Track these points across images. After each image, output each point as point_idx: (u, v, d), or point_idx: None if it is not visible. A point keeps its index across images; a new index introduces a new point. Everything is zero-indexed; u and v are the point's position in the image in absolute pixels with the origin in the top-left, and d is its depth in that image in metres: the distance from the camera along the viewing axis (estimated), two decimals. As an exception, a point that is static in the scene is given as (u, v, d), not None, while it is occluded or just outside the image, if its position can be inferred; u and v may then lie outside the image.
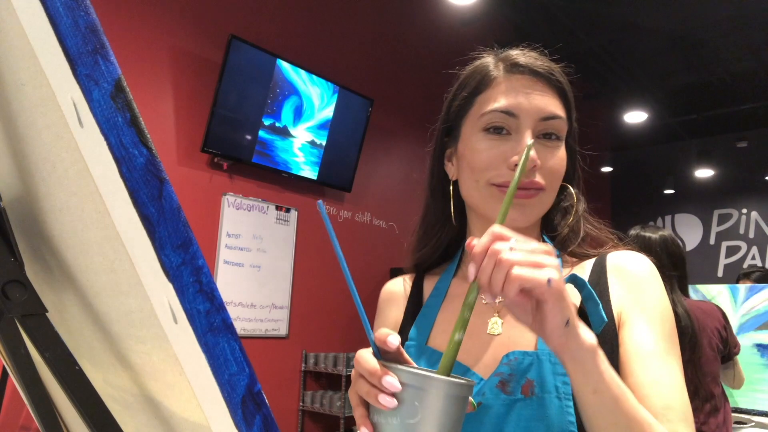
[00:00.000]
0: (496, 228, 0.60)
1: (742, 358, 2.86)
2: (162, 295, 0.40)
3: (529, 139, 0.70)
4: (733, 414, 3.01)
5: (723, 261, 7.86)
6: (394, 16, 4.89)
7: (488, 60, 0.87)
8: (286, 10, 4.19)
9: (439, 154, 0.91)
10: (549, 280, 0.57)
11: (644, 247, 2.19)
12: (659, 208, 8.36)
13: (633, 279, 0.81)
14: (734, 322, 3.13)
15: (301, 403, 4.13)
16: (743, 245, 7.75)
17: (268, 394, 0.43)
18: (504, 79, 0.83)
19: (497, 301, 0.84)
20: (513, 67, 0.83)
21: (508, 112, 0.80)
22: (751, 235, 7.73)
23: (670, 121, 7.35)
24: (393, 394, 0.55)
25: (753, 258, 7.64)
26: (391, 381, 0.55)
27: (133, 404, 0.57)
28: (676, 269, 2.20)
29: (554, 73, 0.83)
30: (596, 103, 7.36)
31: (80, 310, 0.55)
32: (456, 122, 0.87)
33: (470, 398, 0.57)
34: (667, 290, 2.41)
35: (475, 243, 0.60)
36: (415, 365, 0.58)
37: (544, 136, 0.80)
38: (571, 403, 0.71)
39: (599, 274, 0.83)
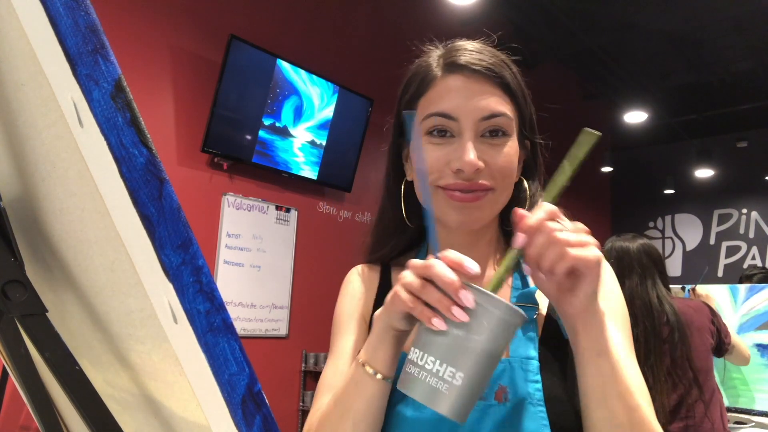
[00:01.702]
0: (549, 206, 0.63)
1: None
2: (162, 295, 0.40)
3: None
4: (733, 414, 3.01)
5: (723, 261, 7.86)
6: (394, 16, 4.89)
7: (431, 58, 0.85)
8: (286, 10, 4.19)
9: (394, 153, 0.90)
10: (597, 258, 0.62)
11: (624, 254, 2.30)
12: (659, 208, 8.36)
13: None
14: (734, 322, 3.13)
15: (301, 403, 4.13)
16: (743, 245, 7.75)
17: (268, 394, 0.43)
18: (443, 80, 0.81)
19: None
20: (451, 67, 0.81)
21: (446, 116, 0.79)
22: (751, 235, 7.73)
23: (670, 121, 7.35)
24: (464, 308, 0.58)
25: (753, 258, 7.64)
26: (468, 296, 0.58)
27: (133, 404, 0.57)
28: (657, 267, 2.30)
29: (494, 68, 0.80)
30: (596, 103, 7.36)
31: (80, 310, 0.55)
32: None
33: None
34: (651, 286, 2.43)
35: (527, 215, 0.62)
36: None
37: (490, 134, 0.79)
38: (543, 409, 0.74)
39: None
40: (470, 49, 0.82)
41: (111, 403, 0.49)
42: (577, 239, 0.61)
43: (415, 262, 0.63)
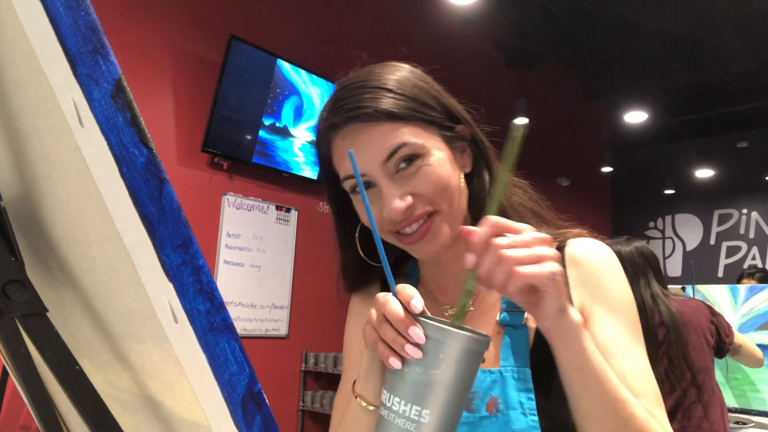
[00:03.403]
0: (493, 218, 0.59)
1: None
2: (162, 295, 0.40)
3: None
4: (733, 414, 3.01)
5: (723, 261, 7.86)
6: (394, 17, 4.89)
7: (322, 119, 0.82)
8: (286, 10, 4.19)
9: (338, 199, 0.85)
10: (552, 274, 0.58)
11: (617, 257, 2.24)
12: (659, 208, 8.36)
13: (592, 270, 0.79)
14: (734, 323, 3.13)
15: (301, 403, 4.12)
16: (743, 245, 7.75)
17: (268, 394, 0.43)
18: (335, 144, 0.79)
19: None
20: (335, 128, 0.78)
21: (353, 177, 0.76)
22: (752, 235, 7.73)
23: (670, 121, 7.35)
24: (417, 345, 0.56)
25: (753, 258, 7.64)
26: (418, 333, 0.56)
27: (133, 404, 0.57)
28: (650, 265, 2.28)
29: (369, 107, 0.75)
30: (596, 103, 7.36)
31: (80, 309, 0.55)
32: (336, 178, 0.82)
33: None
34: (644, 285, 2.41)
35: (474, 231, 0.59)
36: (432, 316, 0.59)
37: (405, 164, 0.75)
38: (536, 418, 0.72)
39: None
40: (345, 97, 0.78)
41: (111, 403, 0.49)
42: (528, 254, 0.57)
43: (379, 296, 0.60)
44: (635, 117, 6.65)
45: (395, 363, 0.57)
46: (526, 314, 0.78)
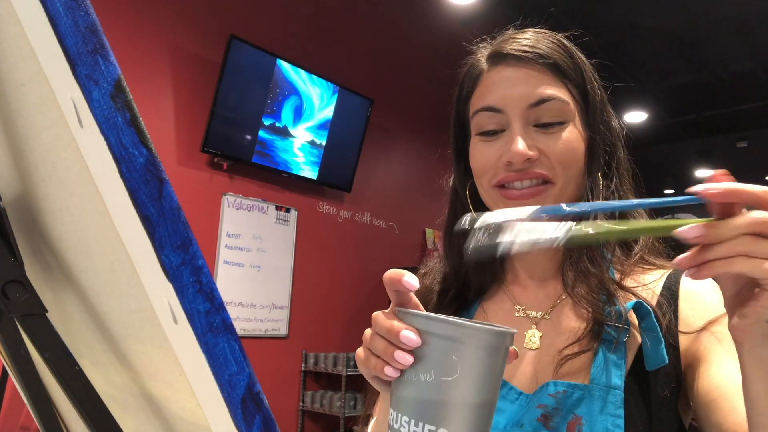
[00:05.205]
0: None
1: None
2: (162, 295, 0.40)
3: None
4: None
5: (723, 261, 7.85)
6: (394, 16, 4.89)
7: (479, 53, 0.80)
8: (286, 10, 4.19)
9: (456, 156, 0.83)
10: None
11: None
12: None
13: (710, 309, 0.71)
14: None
15: (301, 403, 4.12)
16: (743, 245, 7.75)
17: (268, 394, 0.43)
18: (488, 74, 0.76)
19: (536, 314, 0.78)
20: (495, 58, 0.76)
21: (492, 109, 0.74)
22: (751, 235, 7.73)
23: (670, 121, 7.35)
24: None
25: (753, 258, 7.64)
26: (409, 335, 0.46)
27: (133, 404, 0.57)
28: None
29: (540, 51, 0.73)
30: (596, 103, 7.34)
31: (80, 310, 0.55)
32: (465, 126, 0.81)
33: (512, 347, 0.49)
34: None
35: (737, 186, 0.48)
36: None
37: (544, 122, 0.72)
38: None
39: (669, 299, 0.72)
40: (517, 37, 0.77)
41: (111, 403, 0.49)
42: None
43: (373, 315, 0.53)
44: (635, 117, 6.66)
45: (391, 372, 0.48)
46: (628, 333, 0.69)
